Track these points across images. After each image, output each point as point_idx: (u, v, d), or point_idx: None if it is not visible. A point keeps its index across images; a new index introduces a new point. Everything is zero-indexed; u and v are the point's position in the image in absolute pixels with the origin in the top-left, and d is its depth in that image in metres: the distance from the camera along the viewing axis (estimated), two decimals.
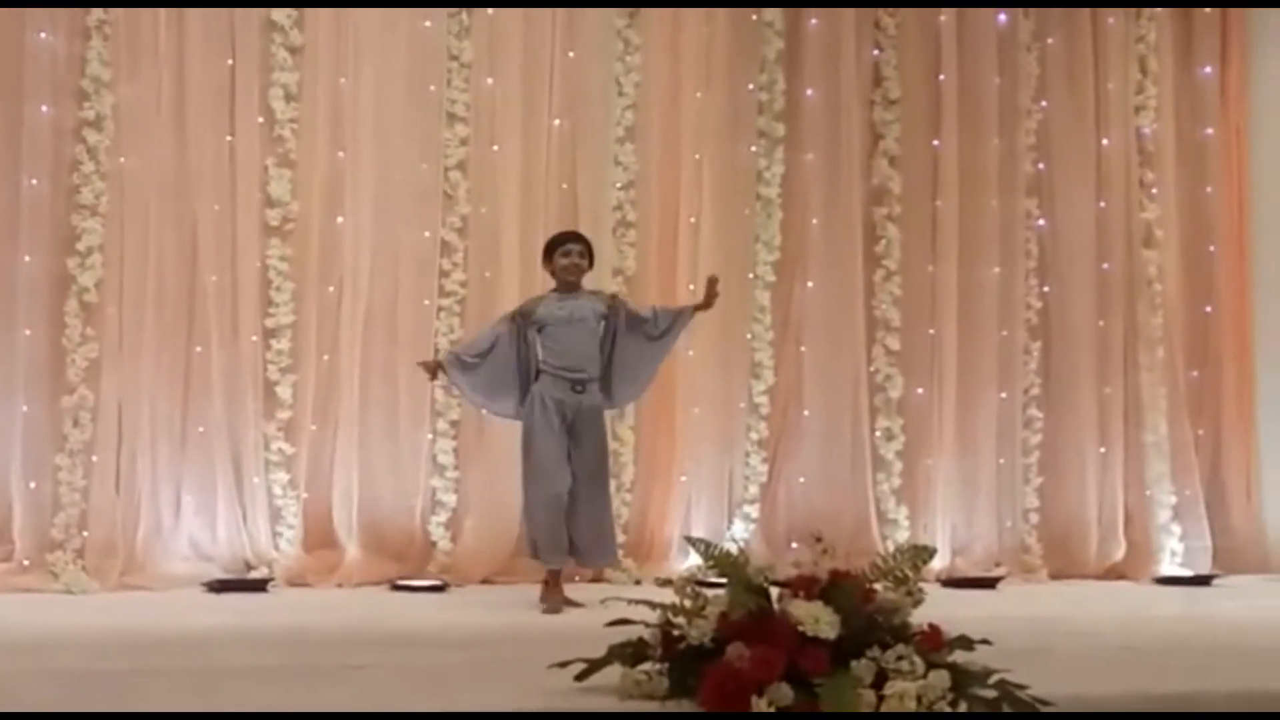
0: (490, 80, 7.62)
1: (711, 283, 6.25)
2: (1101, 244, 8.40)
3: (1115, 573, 8.12)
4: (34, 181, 6.90)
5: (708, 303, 6.30)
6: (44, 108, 6.94)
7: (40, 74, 6.93)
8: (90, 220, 6.94)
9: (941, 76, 8.22)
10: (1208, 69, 8.68)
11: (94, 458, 6.90)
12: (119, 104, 7.05)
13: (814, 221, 8.05)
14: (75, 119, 6.98)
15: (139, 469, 6.96)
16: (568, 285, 6.30)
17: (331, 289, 7.36)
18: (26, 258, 6.88)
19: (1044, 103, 8.39)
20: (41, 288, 6.90)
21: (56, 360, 6.90)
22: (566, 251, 6.30)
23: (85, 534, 6.83)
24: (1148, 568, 8.11)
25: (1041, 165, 8.39)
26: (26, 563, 6.72)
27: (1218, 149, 8.66)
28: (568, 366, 6.17)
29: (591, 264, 6.40)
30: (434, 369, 6.37)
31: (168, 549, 6.96)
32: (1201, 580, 7.90)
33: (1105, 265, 8.39)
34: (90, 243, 6.92)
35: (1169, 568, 8.11)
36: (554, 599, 6.14)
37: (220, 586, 6.71)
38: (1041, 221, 8.38)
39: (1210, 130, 8.65)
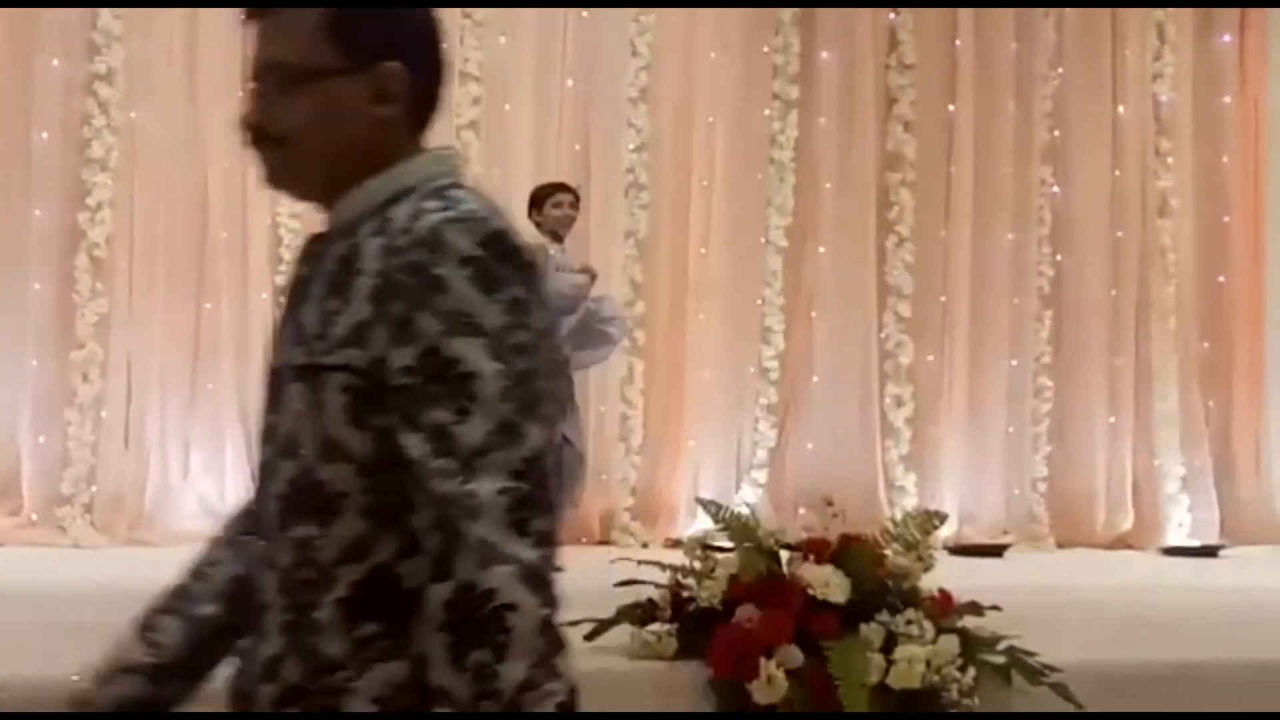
0: (503, 39, 7.56)
1: None
2: (1115, 213, 8.33)
3: (1122, 543, 8.10)
4: (44, 135, 6.88)
5: None
6: (55, 61, 6.90)
7: (51, 27, 6.89)
8: (101, 175, 6.91)
9: (958, 41, 8.15)
10: (1226, 37, 8.59)
11: (103, 413, 6.90)
12: (130, 58, 7.01)
13: (827, 186, 8.00)
14: (86, 73, 6.94)
15: (148, 425, 6.96)
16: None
17: None
18: (37, 212, 6.87)
19: (1060, 69, 8.31)
20: (52, 242, 6.89)
21: (66, 315, 6.89)
22: (558, 203, 6.21)
23: (94, 489, 6.84)
24: (1155, 538, 8.09)
25: (1057, 132, 8.32)
26: (35, 517, 6.74)
27: (1235, 118, 8.57)
28: None
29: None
30: None
31: (176, 506, 6.96)
32: (1209, 551, 7.87)
33: (1119, 234, 8.33)
34: (100, 197, 6.90)
35: (1176, 538, 8.09)
36: None
37: None
38: (1056, 189, 8.32)
39: (1228, 99, 8.57)
